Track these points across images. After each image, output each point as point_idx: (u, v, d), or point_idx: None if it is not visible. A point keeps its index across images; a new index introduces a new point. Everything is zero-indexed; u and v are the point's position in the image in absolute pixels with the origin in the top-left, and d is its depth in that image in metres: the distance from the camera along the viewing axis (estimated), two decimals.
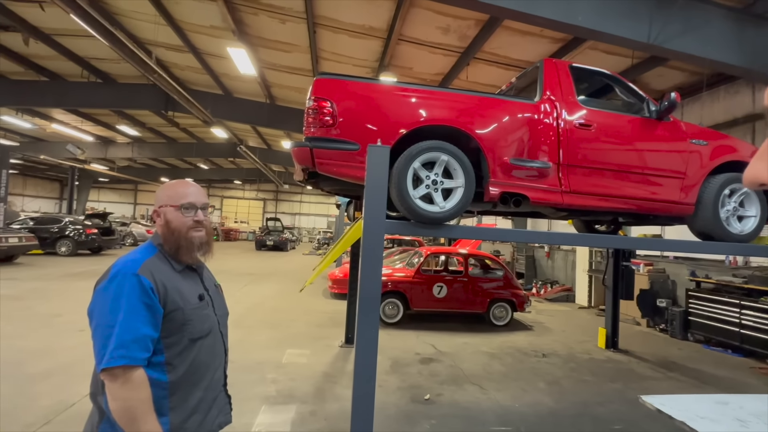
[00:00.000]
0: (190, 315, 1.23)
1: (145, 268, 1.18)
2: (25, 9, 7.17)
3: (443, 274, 7.05)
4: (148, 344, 1.12)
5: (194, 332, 1.24)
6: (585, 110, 3.25)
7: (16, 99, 10.73)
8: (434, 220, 2.85)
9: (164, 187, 1.35)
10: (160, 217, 1.29)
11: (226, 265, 13.25)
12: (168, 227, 1.28)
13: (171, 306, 1.19)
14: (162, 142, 18.12)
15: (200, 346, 1.26)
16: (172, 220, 1.28)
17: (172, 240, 1.28)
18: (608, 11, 4.60)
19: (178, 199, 1.29)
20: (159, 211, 1.30)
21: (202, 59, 8.91)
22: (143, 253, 1.25)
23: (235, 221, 33.47)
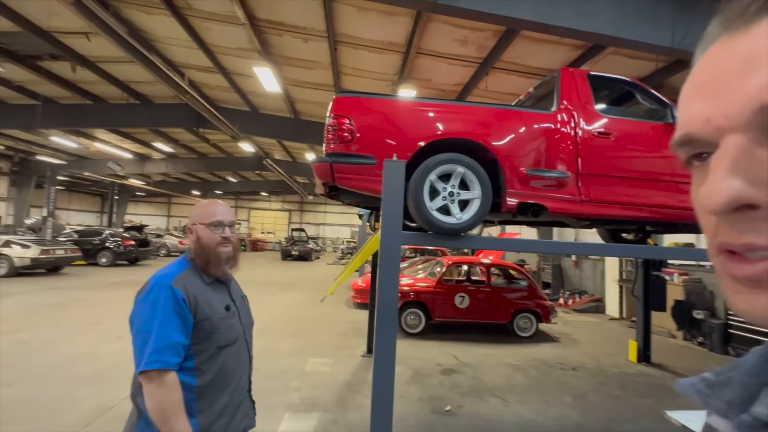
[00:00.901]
0: (218, 324, 1.34)
1: (179, 281, 1.30)
2: (73, 40, 7.83)
3: (465, 284, 7.00)
4: (180, 350, 1.24)
5: (221, 340, 1.34)
6: (604, 119, 3.23)
7: (65, 121, 11.64)
8: (451, 231, 2.90)
9: (197, 207, 1.48)
10: (193, 233, 1.42)
11: (253, 275, 13.64)
12: (199, 243, 1.40)
13: (201, 315, 1.30)
14: (193, 157, 19.01)
15: (227, 353, 1.36)
16: (202, 236, 1.40)
17: (202, 254, 1.40)
18: (629, 17, 4.54)
19: (208, 217, 1.42)
20: (192, 228, 1.43)
21: (230, 79, 9.38)
22: (177, 266, 1.38)
23: (261, 232, 34.41)
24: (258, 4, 6.18)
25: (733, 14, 0.27)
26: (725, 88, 0.26)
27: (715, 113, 0.26)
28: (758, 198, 0.24)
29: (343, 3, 5.89)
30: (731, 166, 0.25)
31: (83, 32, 7.44)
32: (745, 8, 0.26)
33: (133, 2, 6.60)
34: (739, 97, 0.25)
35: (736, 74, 0.26)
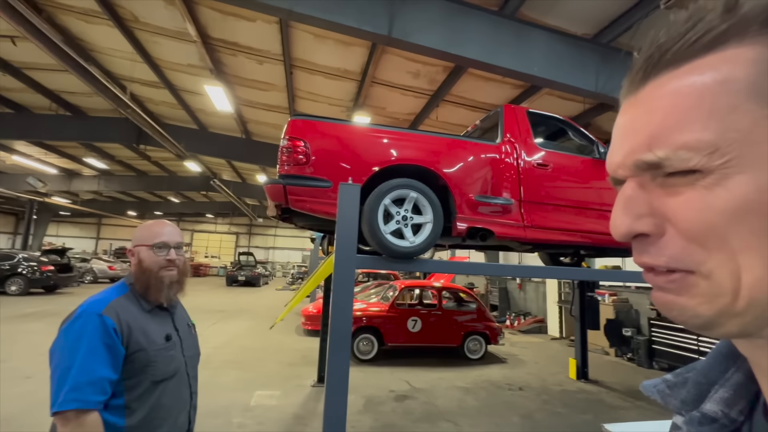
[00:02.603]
0: (154, 356, 1.22)
1: (111, 308, 1.18)
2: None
3: (418, 307, 7.06)
4: (106, 387, 1.11)
5: (157, 374, 1.23)
6: (542, 151, 3.53)
7: None
8: (405, 255, 2.95)
9: (141, 227, 1.38)
10: (134, 256, 1.32)
11: (194, 302, 12.66)
12: (140, 266, 1.30)
13: (134, 346, 1.18)
14: (131, 175, 17.67)
15: (163, 388, 1.24)
16: (144, 259, 1.30)
17: (143, 279, 1.30)
18: (560, 63, 5.10)
19: (152, 238, 1.32)
20: (133, 251, 1.33)
21: (177, 95, 9.00)
22: (113, 292, 1.26)
23: (205, 256, 32.34)
24: (212, 22, 6.08)
25: (629, 78, 0.33)
26: (623, 144, 0.32)
27: (618, 163, 0.33)
28: (642, 229, 0.31)
29: (300, 29, 5.99)
30: (623, 206, 0.32)
31: (8, 36, 6.80)
32: (635, 74, 0.32)
33: (71, 10, 6.20)
34: (628, 152, 0.32)
35: (628, 133, 0.32)
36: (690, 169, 0.28)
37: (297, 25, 5.87)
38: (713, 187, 0.27)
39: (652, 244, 0.30)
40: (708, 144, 0.27)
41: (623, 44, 5.27)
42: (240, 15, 5.80)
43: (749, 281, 0.26)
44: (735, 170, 0.26)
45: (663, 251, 0.30)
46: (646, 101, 0.31)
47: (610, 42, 5.29)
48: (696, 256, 0.28)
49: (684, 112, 0.28)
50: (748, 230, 0.26)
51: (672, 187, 0.29)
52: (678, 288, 0.29)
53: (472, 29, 4.72)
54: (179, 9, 5.63)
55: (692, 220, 0.28)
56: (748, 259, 0.26)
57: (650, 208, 0.30)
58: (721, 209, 0.27)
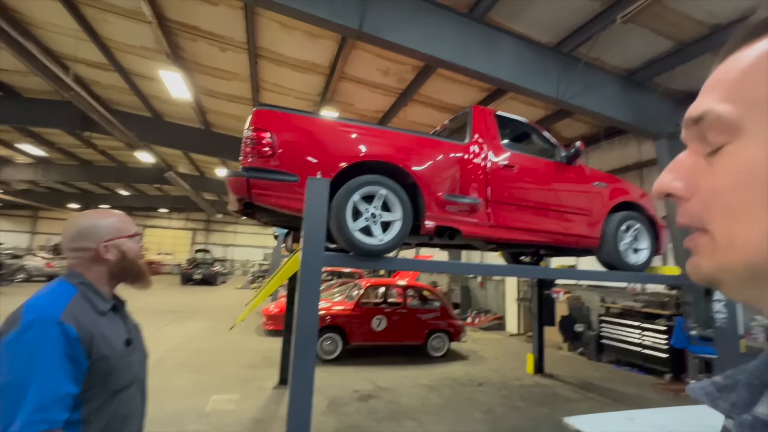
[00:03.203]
0: (115, 364, 1.11)
1: (69, 314, 1.04)
2: None
3: (383, 306, 7.04)
4: (69, 403, 0.99)
5: (118, 383, 1.12)
6: (508, 152, 3.61)
7: None
8: (373, 253, 2.90)
9: (108, 219, 1.24)
10: (115, 249, 1.21)
11: (145, 302, 11.86)
12: (125, 259, 1.23)
13: (96, 355, 1.06)
14: (74, 164, 16.23)
15: (122, 398, 1.13)
16: (128, 250, 1.24)
17: (130, 271, 1.24)
18: (525, 69, 5.27)
19: (128, 228, 1.27)
20: (110, 245, 1.21)
21: (129, 80, 8.35)
22: (62, 294, 1.09)
23: (158, 253, 30.47)
24: (169, 3, 5.69)
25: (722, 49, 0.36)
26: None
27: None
28: (674, 188, 0.36)
29: (267, 18, 5.76)
30: (669, 166, 0.37)
31: None
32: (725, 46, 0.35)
33: None
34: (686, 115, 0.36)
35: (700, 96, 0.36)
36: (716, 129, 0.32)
37: (263, 13, 5.63)
38: (724, 157, 0.32)
39: (683, 206, 0.36)
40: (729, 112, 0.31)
41: (582, 54, 5.54)
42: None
43: (742, 240, 0.31)
44: (741, 143, 0.31)
45: (688, 212, 0.35)
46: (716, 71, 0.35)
47: (570, 51, 5.54)
48: (706, 216, 0.33)
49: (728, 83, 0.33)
50: (744, 198, 0.31)
51: (711, 166, 0.34)
52: (695, 247, 0.35)
53: (442, 30, 4.76)
54: None
55: (707, 187, 0.33)
56: (741, 222, 0.31)
57: (690, 174, 0.35)
58: (725, 178, 0.32)
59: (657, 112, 6.23)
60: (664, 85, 6.13)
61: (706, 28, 4.97)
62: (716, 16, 4.75)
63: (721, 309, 3.71)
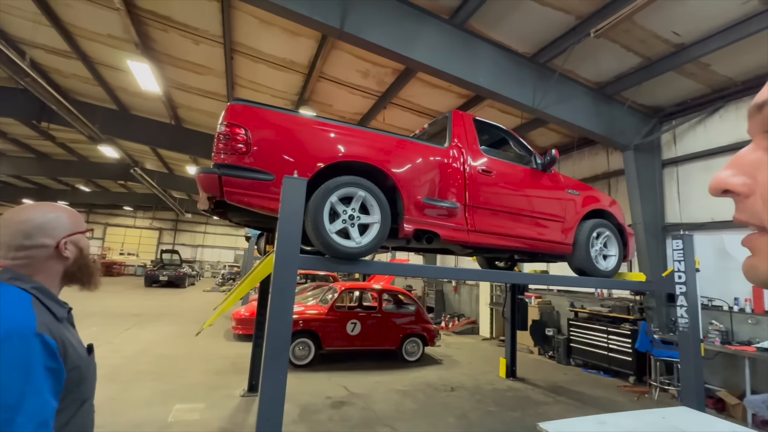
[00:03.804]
0: (85, 372, 1.03)
1: (42, 323, 0.93)
2: None
3: (357, 310, 6.94)
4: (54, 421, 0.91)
5: (85, 392, 1.04)
6: (486, 158, 3.64)
7: None
8: (350, 256, 2.82)
9: (59, 215, 1.11)
10: (73, 246, 1.11)
11: (105, 305, 11.19)
12: (83, 256, 1.13)
13: (70, 365, 0.97)
14: (29, 156, 15.16)
15: (84, 410, 1.05)
16: (85, 247, 1.15)
17: (85, 270, 1.14)
18: (503, 77, 5.37)
19: (81, 224, 1.16)
20: (71, 240, 1.10)
21: (93, 69, 7.88)
22: (20, 301, 0.95)
23: (120, 253, 28.95)
24: None
25: None
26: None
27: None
28: (733, 183, 0.34)
29: (244, 12, 5.59)
30: (730, 162, 0.35)
31: None
32: None
33: None
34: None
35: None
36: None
37: (241, 7, 5.46)
38: None
39: (742, 202, 0.35)
40: None
41: (557, 66, 5.71)
42: None
43: None
44: None
45: (747, 209, 0.34)
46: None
47: (546, 62, 5.70)
48: (764, 215, 0.32)
49: None
50: None
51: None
52: (752, 247, 0.34)
53: (424, 34, 4.77)
54: None
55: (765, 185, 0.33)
56: None
57: (751, 169, 0.34)
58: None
59: (625, 125, 6.51)
60: (632, 99, 6.42)
61: (672, 47, 5.23)
62: (680, 36, 5.01)
63: (684, 314, 3.88)
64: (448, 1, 4.86)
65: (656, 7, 4.48)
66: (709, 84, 6.03)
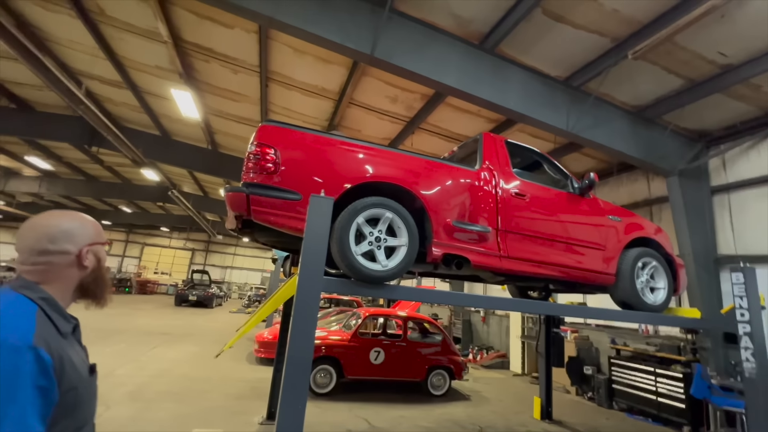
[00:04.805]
0: (82, 395, 0.94)
1: (40, 336, 0.86)
2: None
3: (381, 338, 6.70)
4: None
5: (81, 418, 0.94)
6: (519, 181, 3.48)
7: None
8: (376, 279, 2.70)
9: (80, 221, 1.08)
10: (92, 256, 1.07)
11: (135, 323, 11.49)
12: (99, 266, 1.09)
13: (66, 386, 0.88)
14: (79, 179, 16.31)
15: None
16: (103, 258, 1.12)
17: (100, 283, 1.09)
18: (534, 100, 5.26)
19: (102, 235, 1.13)
20: (87, 251, 1.06)
21: (141, 97, 8.46)
22: (24, 311, 0.89)
23: (155, 272, 30.08)
24: (186, 25, 5.81)
25: None
26: None
27: None
28: None
29: (280, 42, 5.85)
30: None
31: None
32: None
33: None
34: None
35: None
36: None
37: (277, 38, 5.73)
38: None
39: None
40: None
41: (592, 89, 5.55)
42: (217, 20, 5.58)
43: None
44: None
45: None
46: None
47: (580, 85, 5.55)
48: None
49: None
50: None
51: None
52: None
53: (453, 58, 4.78)
54: (152, 7, 5.34)
55: None
56: None
57: None
58: None
59: (667, 149, 6.16)
60: (674, 123, 6.10)
61: (717, 68, 4.97)
62: (727, 57, 4.76)
63: (749, 357, 3.43)
64: (478, 27, 4.88)
65: (700, 27, 4.29)
66: (761, 106, 5.65)
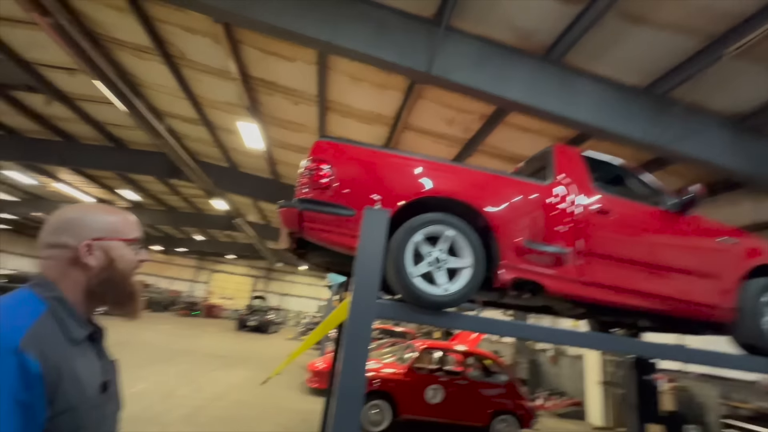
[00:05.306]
0: (85, 418, 0.76)
1: (32, 339, 0.72)
2: (54, 74, 7.61)
3: (438, 374, 6.18)
4: None
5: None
6: (602, 196, 3.02)
7: (26, 155, 10.94)
8: (436, 305, 2.39)
9: (99, 213, 0.93)
10: (101, 253, 0.88)
11: (199, 344, 12.02)
12: (113, 268, 0.89)
13: (61, 405, 0.72)
14: (161, 209, 18.11)
15: None
16: (119, 258, 0.90)
17: (115, 288, 0.89)
18: (609, 111, 4.76)
19: (127, 231, 0.94)
20: (99, 245, 0.88)
21: (213, 133, 9.23)
22: (25, 309, 0.77)
23: (221, 297, 31.95)
24: (253, 61, 6.25)
25: None
26: None
27: None
28: None
29: (338, 71, 6.03)
30: None
31: (67, 68, 7.25)
32: None
33: (126, 46, 6.57)
34: None
35: None
36: None
37: (335, 66, 5.91)
38: None
39: None
40: None
41: (678, 97, 4.90)
42: (281, 54, 5.92)
43: None
44: None
45: None
46: None
47: (665, 93, 4.93)
48: None
49: None
50: None
51: None
52: None
53: (515, 71, 4.52)
54: (224, 47, 5.80)
55: None
56: None
57: None
58: None
59: None
60: None
61: None
62: None
63: None
64: (542, 38, 4.58)
65: None
66: None
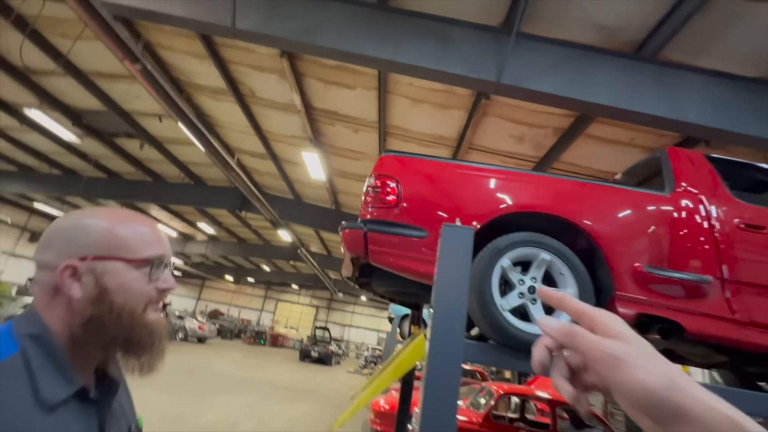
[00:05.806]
0: None
1: None
2: (148, 121, 8.55)
3: (520, 425, 5.32)
4: None
5: None
6: (748, 208, 2.33)
7: (126, 194, 12.45)
8: (531, 345, 1.89)
9: (98, 217, 0.63)
10: (91, 278, 0.59)
11: (264, 374, 12.10)
12: (103, 302, 0.58)
13: None
14: (233, 241, 19.35)
15: None
16: (116, 288, 0.59)
17: (107, 331, 0.59)
18: (726, 109, 3.94)
19: (139, 246, 0.62)
20: (87, 267, 0.59)
21: (279, 165, 9.64)
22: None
23: (285, 327, 32.82)
24: (315, 93, 6.40)
25: None
26: None
27: None
28: None
29: (397, 95, 5.92)
30: None
31: (157, 114, 8.10)
32: None
33: (204, 90, 7.15)
34: None
35: None
36: None
37: (394, 90, 5.80)
38: None
39: None
40: None
41: None
42: (341, 83, 5.98)
43: None
44: None
45: None
46: None
47: None
48: None
49: None
50: None
51: None
52: None
53: (600, 73, 3.96)
54: (289, 81, 6.01)
55: None
56: None
57: None
58: None
59: None
60: None
61: None
62: None
63: None
64: (630, 35, 4.01)
65: None
66: None
